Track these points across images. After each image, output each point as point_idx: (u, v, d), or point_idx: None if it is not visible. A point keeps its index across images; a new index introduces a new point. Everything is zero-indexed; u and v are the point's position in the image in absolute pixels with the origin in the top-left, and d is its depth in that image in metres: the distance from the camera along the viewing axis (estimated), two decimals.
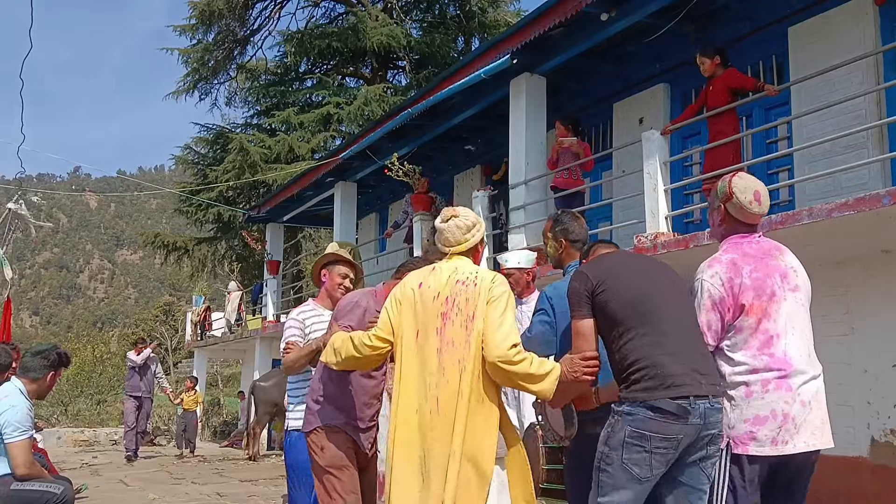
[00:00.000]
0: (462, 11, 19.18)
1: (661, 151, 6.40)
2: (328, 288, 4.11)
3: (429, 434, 2.78)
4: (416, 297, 2.96)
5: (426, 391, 2.82)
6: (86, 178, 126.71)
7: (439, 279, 2.96)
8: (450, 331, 2.84)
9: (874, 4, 6.20)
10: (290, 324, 4.01)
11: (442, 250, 3.09)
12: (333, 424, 3.56)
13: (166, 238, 20.90)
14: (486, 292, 2.84)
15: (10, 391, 4.27)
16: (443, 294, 2.90)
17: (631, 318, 2.81)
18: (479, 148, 10.95)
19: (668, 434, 2.68)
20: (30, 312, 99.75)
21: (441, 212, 3.16)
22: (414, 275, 3.09)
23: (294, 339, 3.90)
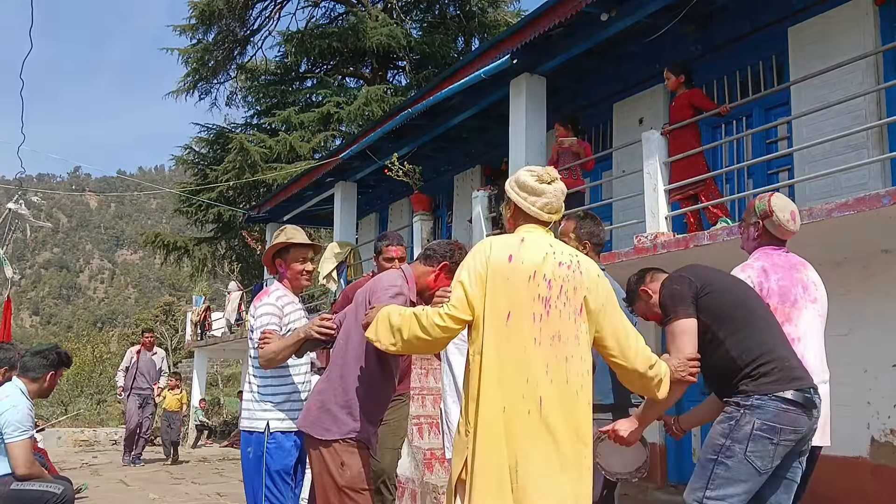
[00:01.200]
0: (462, 11, 19.17)
1: (661, 151, 6.41)
2: (290, 277, 3.65)
3: (524, 438, 2.34)
4: (507, 273, 2.45)
5: (521, 387, 2.37)
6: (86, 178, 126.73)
7: (534, 255, 2.47)
8: (555, 321, 2.42)
9: (874, 4, 6.20)
10: (267, 309, 3.48)
11: (538, 217, 2.58)
12: (359, 438, 3.05)
13: (166, 238, 20.88)
14: (597, 285, 2.50)
15: (11, 391, 4.27)
16: (542, 274, 2.44)
17: (744, 316, 2.90)
18: (478, 148, 10.95)
19: (797, 427, 2.78)
20: (30, 312, 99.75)
21: (530, 168, 2.66)
22: (496, 242, 2.55)
23: (272, 328, 3.42)
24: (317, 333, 3.23)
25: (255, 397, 3.46)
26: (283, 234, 3.68)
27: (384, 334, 2.60)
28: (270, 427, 3.42)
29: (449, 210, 12.09)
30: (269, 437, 3.41)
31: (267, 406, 3.44)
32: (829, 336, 3.55)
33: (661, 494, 7.01)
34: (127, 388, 11.01)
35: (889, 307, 5.51)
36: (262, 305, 3.51)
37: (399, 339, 2.55)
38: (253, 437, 3.44)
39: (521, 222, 2.62)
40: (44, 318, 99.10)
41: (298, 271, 3.65)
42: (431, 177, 11.67)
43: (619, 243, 7.48)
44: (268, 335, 3.37)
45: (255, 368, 3.49)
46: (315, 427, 3.07)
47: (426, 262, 3.18)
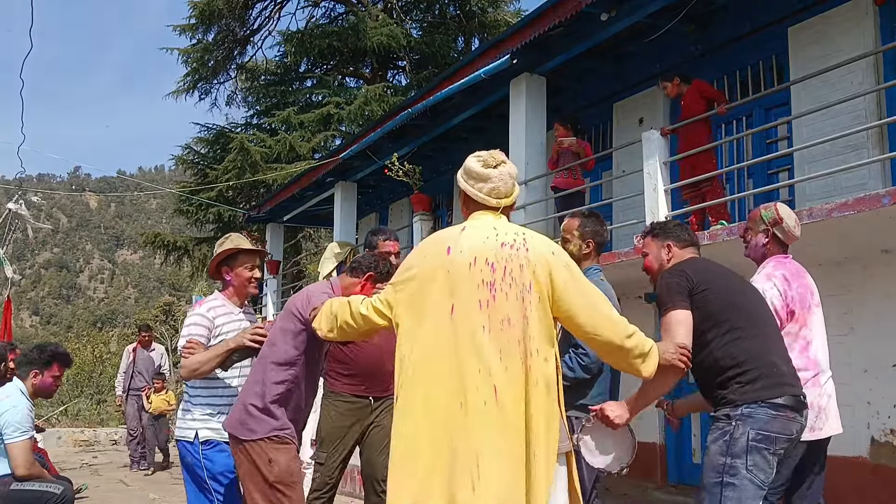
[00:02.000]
0: (462, 11, 19.17)
1: (661, 151, 6.41)
2: (236, 285, 3.54)
3: (480, 430, 2.23)
4: (447, 265, 2.38)
5: (474, 379, 2.26)
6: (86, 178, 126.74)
7: (474, 241, 2.39)
8: (503, 305, 2.31)
9: (874, 4, 6.20)
10: (195, 320, 3.40)
11: (486, 203, 2.50)
12: (284, 436, 3.16)
13: (166, 238, 20.87)
14: (548, 261, 2.37)
15: (11, 391, 4.27)
16: (483, 259, 2.35)
17: (735, 318, 2.84)
18: (478, 148, 10.93)
19: (789, 433, 2.76)
20: (30, 312, 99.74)
21: (477, 154, 2.61)
22: (435, 237, 2.52)
23: (197, 339, 3.32)
24: (250, 342, 3.22)
25: (185, 406, 3.46)
26: (228, 241, 3.58)
27: (325, 322, 2.77)
28: (200, 436, 3.37)
29: (449, 210, 12.09)
30: (203, 444, 3.36)
31: (196, 415, 3.40)
32: (829, 336, 3.57)
33: (661, 494, 7.01)
34: (125, 389, 10.41)
35: (889, 307, 5.51)
36: (191, 316, 3.47)
37: (334, 325, 2.71)
38: (186, 447, 3.39)
39: (471, 209, 2.54)
40: (44, 318, 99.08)
41: (247, 278, 3.55)
42: (431, 177, 11.67)
43: (619, 243, 7.48)
44: (192, 345, 3.29)
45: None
46: (239, 428, 3.15)
47: (352, 273, 3.33)
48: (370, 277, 3.29)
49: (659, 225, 3.33)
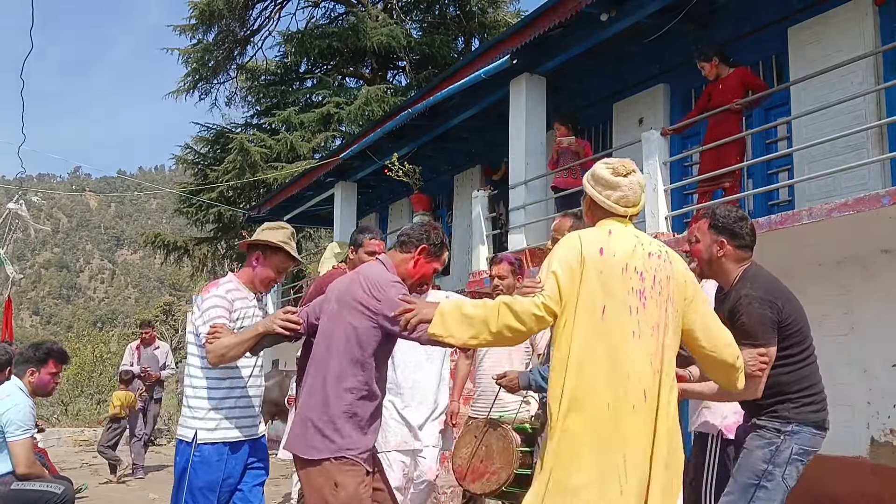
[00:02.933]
0: (462, 12, 19.17)
1: (661, 151, 6.41)
2: (259, 276, 3.35)
3: (631, 432, 2.31)
4: (600, 266, 2.39)
5: (625, 381, 2.32)
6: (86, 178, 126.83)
7: (624, 247, 2.43)
8: (651, 313, 2.38)
9: (874, 4, 6.20)
10: (214, 302, 3.17)
11: (613, 210, 2.52)
12: (352, 456, 2.76)
13: (166, 238, 20.88)
14: (685, 277, 2.50)
15: (12, 390, 4.27)
16: (633, 266, 2.40)
17: (804, 345, 3.04)
18: (478, 148, 10.95)
19: (818, 448, 3.00)
20: (30, 312, 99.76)
21: (606, 161, 2.60)
22: (585, 236, 2.48)
23: (222, 321, 3.11)
24: (280, 328, 2.94)
25: (187, 402, 3.22)
26: (280, 232, 3.37)
27: (458, 328, 2.41)
28: (198, 438, 3.14)
29: (449, 210, 12.09)
30: (194, 449, 3.12)
31: (198, 413, 3.16)
32: (830, 336, 3.56)
33: None
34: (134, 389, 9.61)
35: (889, 307, 5.51)
36: (209, 297, 3.20)
37: (482, 330, 2.38)
38: (181, 447, 3.18)
39: (598, 216, 2.57)
40: (44, 318, 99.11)
41: (271, 278, 3.38)
42: (431, 177, 11.67)
43: None
44: (217, 329, 3.04)
45: (194, 369, 3.22)
46: (300, 446, 2.80)
47: (403, 248, 3.00)
48: (423, 251, 2.97)
49: (723, 215, 3.10)
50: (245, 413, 3.25)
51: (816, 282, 3.32)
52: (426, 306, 2.56)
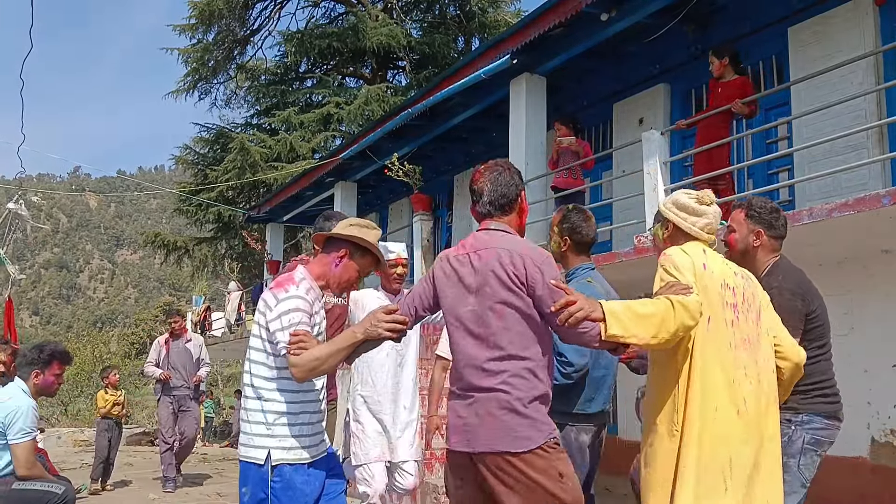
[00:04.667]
0: (462, 11, 19.18)
1: (661, 151, 6.40)
2: (338, 277, 2.85)
3: (735, 437, 2.47)
4: (705, 280, 2.54)
5: (726, 389, 2.47)
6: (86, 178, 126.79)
7: (718, 264, 2.63)
8: (744, 326, 2.57)
9: (874, 4, 6.20)
10: (296, 304, 2.69)
11: (699, 236, 2.72)
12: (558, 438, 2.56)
13: (166, 238, 20.89)
14: (761, 289, 2.75)
15: (14, 392, 4.25)
16: (726, 283, 2.59)
17: (824, 338, 3.15)
18: (478, 148, 10.95)
19: (832, 439, 3.08)
20: (30, 312, 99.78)
21: (686, 192, 2.76)
22: (689, 250, 2.61)
23: (305, 328, 2.66)
24: (387, 332, 2.54)
25: (254, 417, 2.71)
26: (374, 233, 2.90)
27: (638, 327, 2.32)
28: (273, 458, 2.66)
29: (449, 210, 12.09)
30: (272, 474, 2.66)
31: (271, 430, 2.68)
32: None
33: None
34: (159, 388, 8.47)
35: (889, 307, 5.51)
36: (288, 298, 2.70)
37: (661, 329, 2.33)
38: (251, 472, 2.69)
39: (680, 240, 2.74)
40: (44, 318, 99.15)
41: (353, 282, 2.91)
42: (431, 177, 11.67)
43: (619, 243, 7.48)
44: (301, 337, 2.61)
45: (261, 379, 2.72)
46: (508, 439, 2.38)
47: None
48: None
49: (758, 205, 3.23)
50: (318, 428, 2.81)
51: (816, 282, 3.32)
52: (585, 300, 2.35)
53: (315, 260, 2.94)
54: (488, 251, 2.51)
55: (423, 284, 2.68)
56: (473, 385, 2.47)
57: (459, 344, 2.53)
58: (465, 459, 2.48)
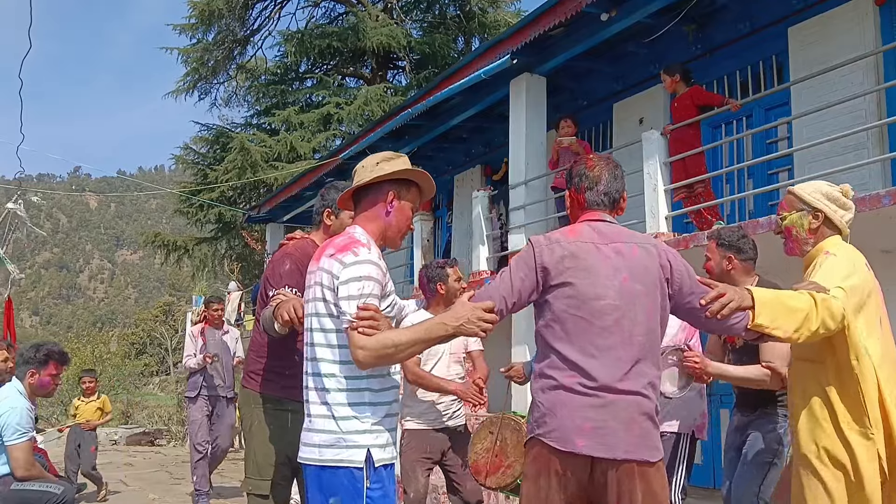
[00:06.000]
0: (462, 11, 19.17)
1: (661, 151, 6.41)
2: (395, 226, 2.43)
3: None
4: (872, 281, 2.68)
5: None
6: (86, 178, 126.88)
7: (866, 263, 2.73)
8: (885, 324, 2.69)
9: (874, 4, 6.20)
10: (368, 270, 2.24)
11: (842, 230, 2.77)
12: None
13: (166, 238, 20.88)
14: None
15: (10, 393, 4.25)
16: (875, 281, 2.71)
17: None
18: (478, 148, 10.95)
19: None
20: (30, 312, 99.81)
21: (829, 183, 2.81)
22: (857, 252, 2.72)
23: (374, 302, 2.23)
24: (479, 331, 2.21)
25: (340, 411, 2.23)
26: (404, 159, 2.48)
27: (785, 320, 2.32)
28: (374, 459, 2.23)
29: (449, 210, 12.08)
30: (371, 475, 2.21)
31: (365, 425, 2.23)
32: None
33: None
34: (196, 385, 7.32)
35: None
36: (358, 263, 2.24)
37: (804, 324, 2.34)
38: (343, 479, 2.21)
39: (827, 233, 2.74)
40: (44, 318, 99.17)
41: (411, 222, 2.49)
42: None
43: None
44: (374, 314, 2.18)
45: (342, 367, 2.26)
46: (646, 447, 2.27)
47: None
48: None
49: (726, 234, 3.56)
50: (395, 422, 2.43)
51: None
52: (734, 290, 2.33)
53: (360, 218, 2.44)
54: (630, 245, 2.37)
55: (521, 276, 2.35)
56: (610, 386, 2.26)
57: (592, 339, 2.28)
58: (583, 465, 2.25)
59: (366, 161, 2.49)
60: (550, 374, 2.31)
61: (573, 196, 2.53)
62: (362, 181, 2.41)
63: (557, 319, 2.32)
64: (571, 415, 2.25)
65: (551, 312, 2.33)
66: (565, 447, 2.24)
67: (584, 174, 2.49)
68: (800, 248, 2.76)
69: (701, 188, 6.33)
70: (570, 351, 2.29)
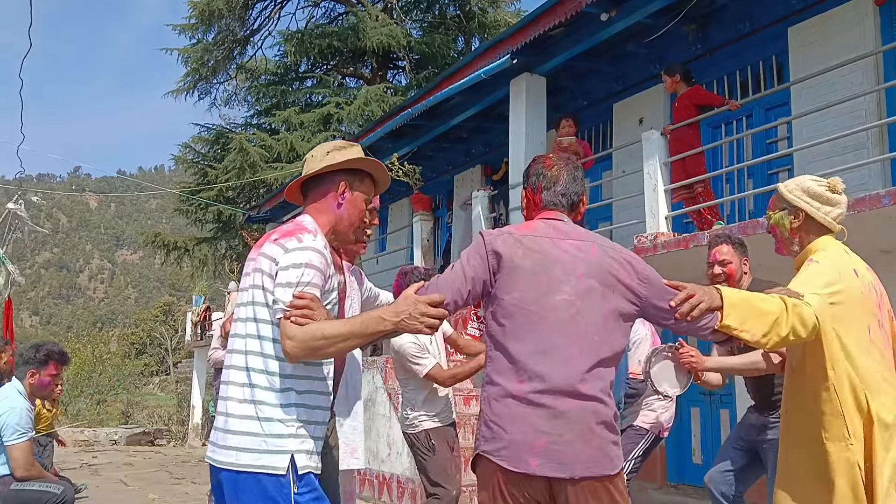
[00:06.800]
0: (462, 11, 19.17)
1: (661, 151, 6.41)
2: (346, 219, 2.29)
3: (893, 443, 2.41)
4: (860, 287, 2.47)
5: (883, 396, 2.41)
6: (86, 178, 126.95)
7: (862, 267, 2.55)
8: (885, 329, 2.54)
9: (874, 4, 6.20)
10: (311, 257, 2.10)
11: (831, 227, 2.57)
12: None
13: (166, 238, 20.88)
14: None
15: (9, 393, 4.25)
16: (872, 287, 2.53)
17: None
18: (478, 148, 10.96)
19: None
20: (30, 312, 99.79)
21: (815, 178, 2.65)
22: (844, 258, 2.52)
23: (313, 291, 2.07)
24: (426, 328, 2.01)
25: (265, 411, 2.03)
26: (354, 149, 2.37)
27: (754, 322, 2.22)
28: (297, 465, 2.02)
29: (449, 210, 12.08)
30: (297, 483, 2.01)
31: (290, 429, 2.04)
32: None
33: (662, 495, 7.01)
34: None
35: None
36: (300, 249, 2.09)
37: (773, 328, 2.23)
38: (264, 487, 1.99)
39: (812, 235, 2.57)
40: (44, 318, 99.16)
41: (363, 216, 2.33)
42: (431, 177, 11.67)
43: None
44: (309, 303, 2.02)
45: (270, 361, 2.07)
46: (606, 460, 2.10)
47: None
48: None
49: (735, 237, 3.77)
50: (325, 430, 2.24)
51: None
52: (703, 290, 2.21)
53: (310, 210, 2.28)
54: (588, 244, 2.24)
55: (474, 264, 2.19)
56: (566, 389, 2.07)
57: (546, 335, 2.11)
58: (541, 486, 2.06)
59: (316, 150, 2.37)
60: (499, 381, 2.12)
61: (529, 196, 2.39)
62: (312, 171, 2.28)
63: (507, 315, 2.15)
64: (523, 430, 2.06)
65: (501, 307, 2.16)
66: (517, 468, 2.04)
67: (541, 173, 2.36)
68: (786, 247, 2.66)
69: (701, 188, 6.35)
70: (520, 350, 2.11)
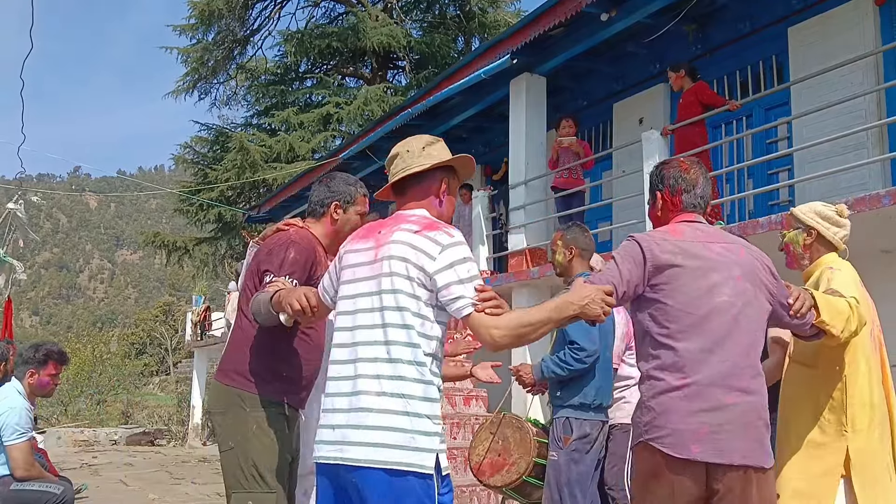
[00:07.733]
0: (462, 11, 19.17)
1: (661, 151, 6.41)
2: (448, 216, 2.30)
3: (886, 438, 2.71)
4: (865, 294, 2.84)
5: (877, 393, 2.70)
6: (86, 178, 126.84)
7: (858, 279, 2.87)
8: (876, 334, 2.86)
9: (874, 4, 6.20)
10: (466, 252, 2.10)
11: (837, 246, 2.92)
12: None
13: (166, 238, 20.88)
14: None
15: (9, 393, 4.24)
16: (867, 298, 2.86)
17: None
18: (478, 148, 10.95)
19: None
20: (30, 312, 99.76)
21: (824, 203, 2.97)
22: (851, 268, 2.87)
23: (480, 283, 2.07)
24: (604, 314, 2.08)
25: (415, 406, 1.96)
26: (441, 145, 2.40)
27: (837, 319, 2.45)
28: (441, 465, 1.98)
29: None
30: (440, 484, 1.97)
31: (436, 427, 1.99)
32: None
33: None
34: None
35: (889, 307, 5.48)
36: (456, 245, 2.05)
37: (846, 327, 2.47)
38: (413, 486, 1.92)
39: (822, 250, 2.90)
40: (44, 318, 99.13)
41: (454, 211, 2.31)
42: None
43: (619, 243, 7.46)
44: (494, 294, 2.03)
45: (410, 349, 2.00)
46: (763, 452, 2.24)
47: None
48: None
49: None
50: None
51: None
52: (802, 289, 2.43)
53: (416, 205, 2.27)
54: (736, 246, 2.38)
55: (629, 268, 2.31)
56: (734, 385, 2.20)
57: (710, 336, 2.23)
58: (698, 471, 2.17)
59: (409, 144, 2.33)
60: (663, 377, 2.23)
61: (667, 198, 2.50)
62: (417, 167, 2.24)
63: (672, 318, 2.25)
64: (686, 419, 2.17)
65: (663, 311, 2.27)
66: (680, 454, 2.16)
67: (681, 176, 2.48)
68: (797, 262, 2.98)
69: None
70: (687, 349, 2.21)
